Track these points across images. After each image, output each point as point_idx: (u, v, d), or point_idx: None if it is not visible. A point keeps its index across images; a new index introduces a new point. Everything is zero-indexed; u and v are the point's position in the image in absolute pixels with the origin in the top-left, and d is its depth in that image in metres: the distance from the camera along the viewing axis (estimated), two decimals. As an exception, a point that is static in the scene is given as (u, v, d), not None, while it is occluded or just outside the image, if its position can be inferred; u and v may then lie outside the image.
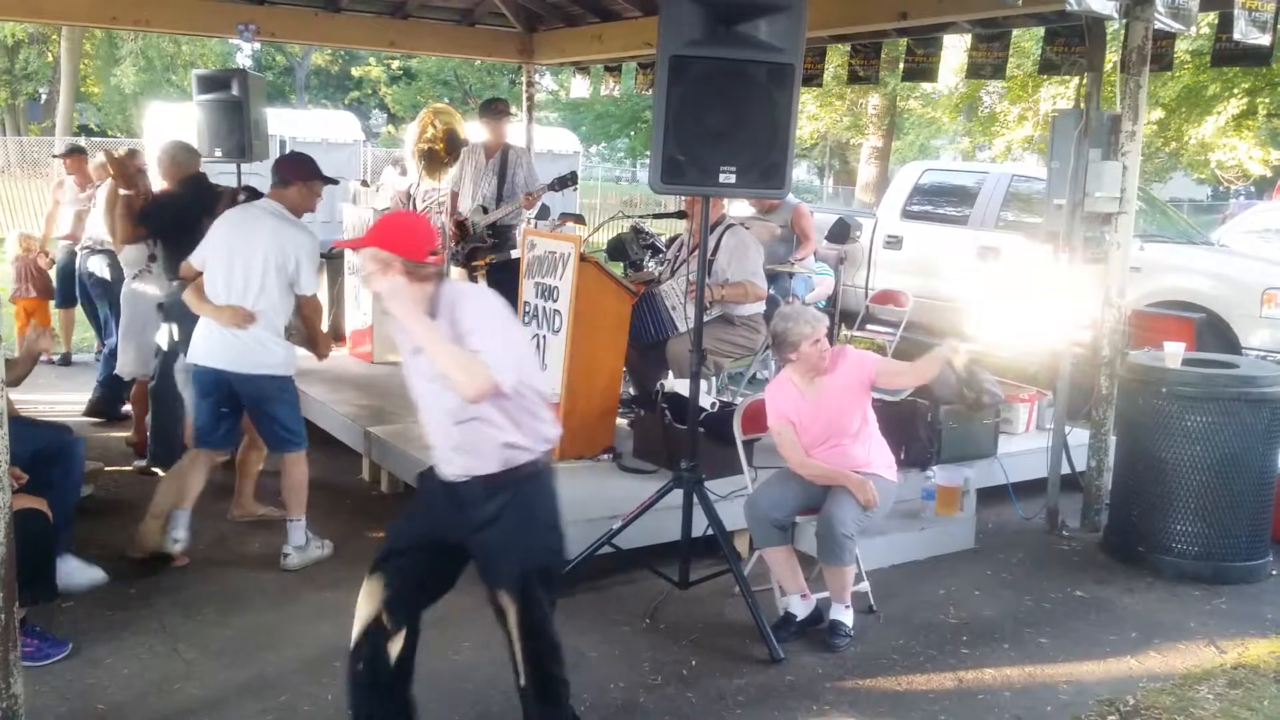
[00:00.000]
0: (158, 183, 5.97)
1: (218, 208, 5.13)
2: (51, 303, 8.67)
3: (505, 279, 6.17)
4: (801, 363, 4.21)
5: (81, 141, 18.97)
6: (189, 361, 4.74)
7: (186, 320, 4.82)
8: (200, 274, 4.59)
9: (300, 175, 4.75)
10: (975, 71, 7.35)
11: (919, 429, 5.41)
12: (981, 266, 8.80)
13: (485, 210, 7.04)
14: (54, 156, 9.81)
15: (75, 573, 4.20)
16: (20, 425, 4.07)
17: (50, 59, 27.46)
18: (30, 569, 3.33)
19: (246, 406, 4.67)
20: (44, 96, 30.79)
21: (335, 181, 5.12)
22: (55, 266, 8.42)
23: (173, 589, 4.43)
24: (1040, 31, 7.35)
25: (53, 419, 4.64)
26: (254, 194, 5.50)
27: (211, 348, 4.55)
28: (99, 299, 7.32)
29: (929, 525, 5.10)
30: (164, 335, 5.49)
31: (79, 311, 8.57)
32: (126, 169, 5.83)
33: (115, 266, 6.64)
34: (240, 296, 4.48)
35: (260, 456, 5.22)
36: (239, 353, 4.50)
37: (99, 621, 4.07)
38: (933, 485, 5.17)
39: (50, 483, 4.05)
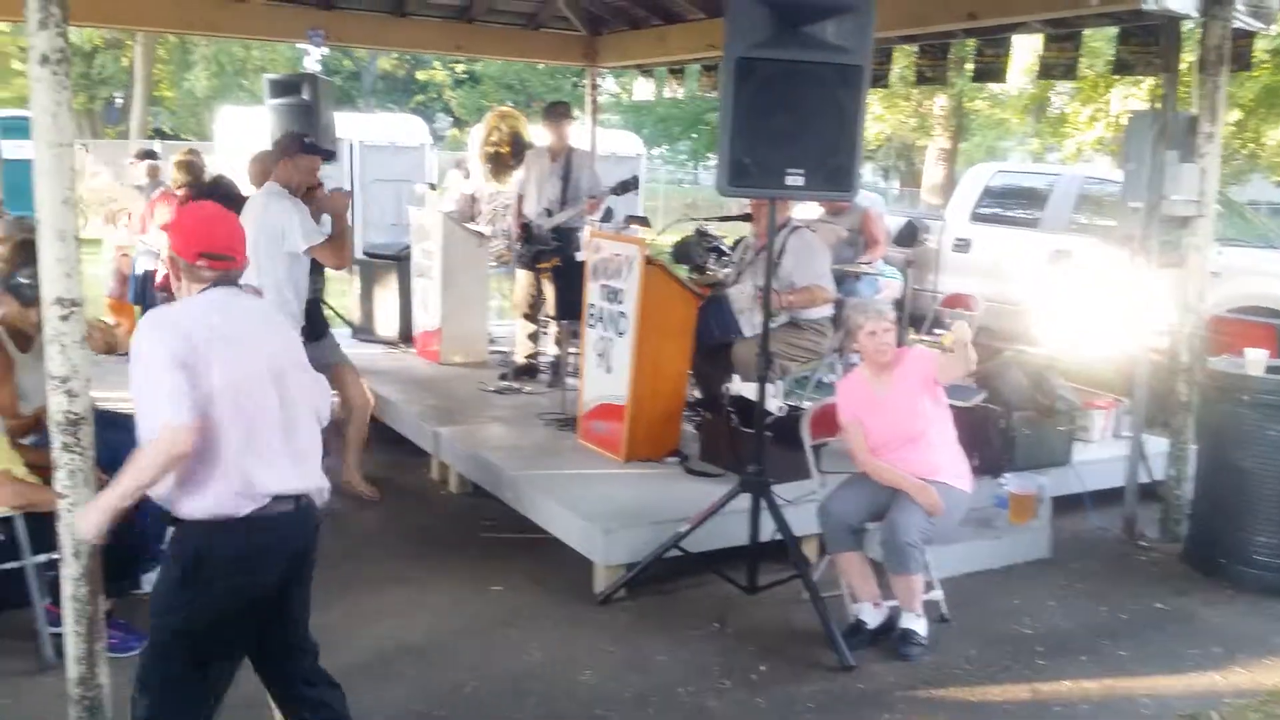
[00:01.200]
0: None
1: None
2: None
3: (570, 281, 6.20)
4: (863, 354, 4.28)
5: (156, 145, 19.47)
6: None
7: None
8: None
9: (285, 151, 5.07)
10: (1046, 72, 7.19)
11: (991, 435, 5.33)
12: (1054, 270, 8.65)
13: (550, 213, 7.08)
14: (129, 163, 10.11)
15: None
16: (117, 430, 4.18)
17: (125, 64, 28.17)
18: (115, 563, 3.42)
19: None
20: (119, 101, 31.57)
21: (330, 152, 5.35)
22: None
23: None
24: (1113, 31, 7.19)
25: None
26: None
27: None
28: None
29: (1003, 533, 5.01)
30: None
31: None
32: (265, 165, 6.15)
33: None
34: (247, 276, 4.66)
35: (359, 422, 5.44)
36: None
37: (177, 616, 4.15)
38: (1005, 493, 5.08)
39: None
